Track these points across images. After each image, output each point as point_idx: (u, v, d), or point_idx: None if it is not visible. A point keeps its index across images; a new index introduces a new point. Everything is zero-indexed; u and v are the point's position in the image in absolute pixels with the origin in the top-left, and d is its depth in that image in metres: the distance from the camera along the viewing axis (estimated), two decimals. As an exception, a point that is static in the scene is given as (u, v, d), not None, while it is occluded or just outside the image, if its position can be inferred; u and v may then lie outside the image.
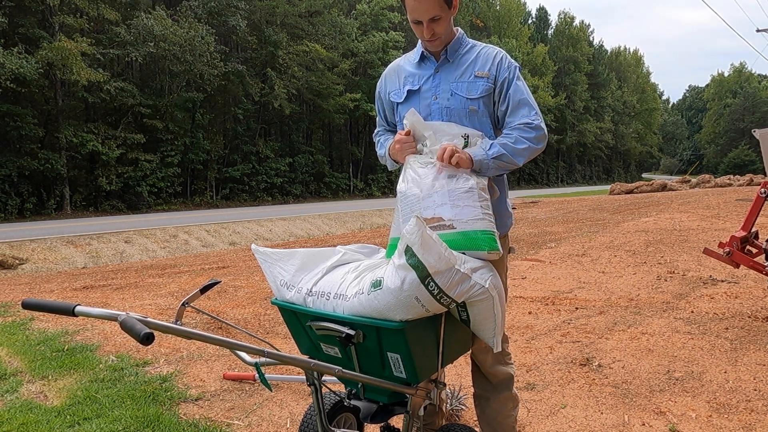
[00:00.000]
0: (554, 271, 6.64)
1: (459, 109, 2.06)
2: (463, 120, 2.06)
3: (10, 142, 22.49)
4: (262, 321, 4.94)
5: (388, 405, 1.94)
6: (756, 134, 4.64)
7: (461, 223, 1.82)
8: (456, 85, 2.08)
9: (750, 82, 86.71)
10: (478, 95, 2.05)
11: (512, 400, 2.28)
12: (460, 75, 2.08)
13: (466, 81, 2.07)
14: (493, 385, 2.24)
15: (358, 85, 37.87)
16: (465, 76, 2.08)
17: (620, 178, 68.00)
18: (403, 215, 1.92)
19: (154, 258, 12.34)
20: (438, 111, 2.09)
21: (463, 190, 1.85)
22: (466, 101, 2.05)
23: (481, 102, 2.06)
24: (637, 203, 16.95)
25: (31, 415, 3.04)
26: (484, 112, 2.07)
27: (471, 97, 2.05)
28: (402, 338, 1.69)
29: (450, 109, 2.07)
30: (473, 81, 2.06)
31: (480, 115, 2.06)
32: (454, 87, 2.08)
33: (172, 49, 25.38)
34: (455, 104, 2.06)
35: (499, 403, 2.24)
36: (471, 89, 2.05)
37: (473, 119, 2.06)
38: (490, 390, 2.26)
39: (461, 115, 2.06)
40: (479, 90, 2.05)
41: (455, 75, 2.09)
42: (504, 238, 2.19)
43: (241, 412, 3.08)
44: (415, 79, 2.15)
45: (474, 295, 1.76)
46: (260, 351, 1.55)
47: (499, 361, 2.23)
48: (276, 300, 1.95)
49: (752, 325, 4.21)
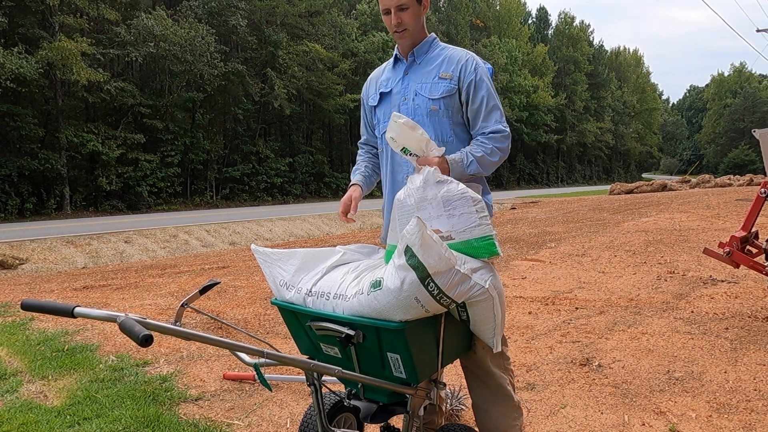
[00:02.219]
0: (554, 271, 6.64)
1: (422, 109, 2.13)
2: (424, 119, 2.11)
3: (10, 142, 22.48)
4: (263, 321, 4.94)
5: (388, 405, 1.94)
6: (756, 134, 4.64)
7: (459, 233, 1.81)
8: (420, 85, 2.14)
9: (750, 82, 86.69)
10: (439, 95, 2.10)
11: (514, 409, 2.13)
12: (426, 76, 2.14)
13: (429, 82, 2.13)
14: (491, 390, 2.11)
15: (358, 85, 37.81)
16: (430, 77, 2.14)
17: (620, 178, 67.97)
18: (400, 225, 1.89)
19: (154, 258, 12.34)
20: (406, 111, 2.14)
21: (456, 196, 1.82)
22: (428, 101, 2.11)
23: (442, 102, 2.10)
24: (637, 203, 16.95)
25: (31, 415, 3.04)
26: (445, 112, 2.11)
27: (432, 97, 2.11)
28: (402, 338, 1.69)
29: (415, 109, 2.14)
30: (436, 82, 2.12)
31: (440, 115, 2.11)
32: (418, 87, 2.14)
33: (172, 49, 25.37)
34: (419, 104, 2.13)
35: (499, 414, 2.10)
36: (433, 89, 2.11)
37: (433, 119, 2.11)
38: (488, 400, 2.12)
39: (423, 115, 2.12)
40: (440, 90, 2.10)
41: (421, 76, 2.15)
42: None
43: (241, 412, 3.08)
44: (388, 82, 2.24)
45: (474, 296, 1.76)
46: (259, 352, 1.55)
47: (498, 365, 2.11)
48: (276, 300, 1.95)
49: (752, 325, 4.21)
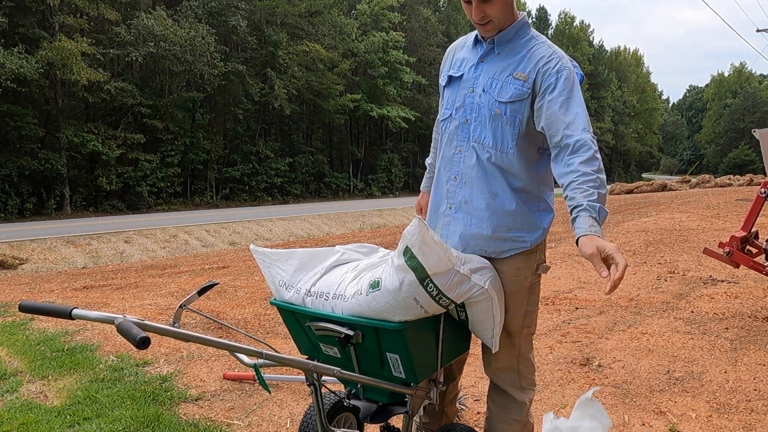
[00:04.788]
0: (554, 271, 6.64)
1: (485, 109, 1.83)
2: (485, 121, 1.83)
3: (10, 142, 22.49)
4: (262, 321, 4.93)
5: (388, 405, 1.94)
6: (756, 134, 4.64)
7: None
8: (491, 81, 1.82)
9: (750, 82, 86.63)
10: (508, 99, 1.79)
11: (521, 424, 2.05)
12: (501, 71, 1.82)
13: (501, 79, 1.81)
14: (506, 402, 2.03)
15: (358, 85, 37.88)
16: (504, 73, 1.82)
17: (620, 178, 67.91)
18: None
19: (154, 258, 12.33)
20: (470, 106, 1.87)
21: None
22: (494, 102, 1.81)
23: (509, 108, 1.79)
24: (637, 203, 16.94)
25: (31, 415, 3.04)
26: (510, 119, 1.80)
27: (500, 99, 1.80)
28: (401, 338, 1.68)
29: (479, 107, 1.85)
30: (509, 81, 1.80)
31: (504, 122, 1.80)
32: (488, 83, 1.83)
33: (172, 49, 25.37)
34: (483, 102, 1.83)
35: (504, 424, 2.04)
36: (503, 90, 1.80)
37: (495, 123, 1.81)
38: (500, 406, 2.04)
39: (485, 116, 1.83)
40: (510, 93, 1.79)
41: (497, 69, 1.83)
42: (529, 254, 1.92)
43: (241, 412, 3.08)
44: (462, 64, 1.93)
45: (473, 296, 1.75)
46: (258, 353, 1.55)
47: (513, 384, 2.01)
48: (275, 300, 1.95)
49: (752, 325, 4.21)
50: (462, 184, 1.90)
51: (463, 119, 1.89)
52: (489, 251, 1.89)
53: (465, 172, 1.89)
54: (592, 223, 1.57)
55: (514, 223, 1.86)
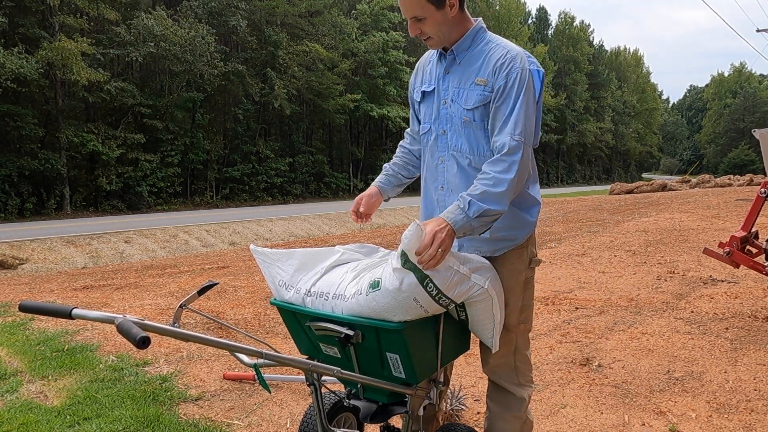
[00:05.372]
0: (554, 271, 6.64)
1: (457, 118, 1.89)
2: (459, 129, 1.89)
3: (10, 142, 22.49)
4: (262, 321, 4.94)
5: (388, 405, 1.94)
6: (756, 134, 4.65)
7: None
8: (458, 90, 1.88)
9: (750, 82, 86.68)
10: (473, 105, 1.83)
11: (521, 422, 2.06)
12: (465, 79, 1.87)
13: (466, 88, 1.86)
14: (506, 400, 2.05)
15: (358, 85, 37.86)
16: (468, 81, 1.86)
17: (620, 178, 67.98)
18: None
19: (154, 258, 12.34)
20: (445, 117, 1.92)
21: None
22: (462, 111, 1.86)
23: (476, 113, 1.84)
24: (637, 203, 16.95)
25: (31, 415, 3.04)
26: (479, 124, 1.85)
27: (467, 107, 1.85)
28: (401, 338, 1.68)
29: (451, 117, 1.90)
30: (472, 88, 1.84)
31: (475, 128, 1.86)
32: (455, 93, 1.88)
33: (172, 49, 25.38)
34: (454, 112, 1.89)
35: (504, 422, 2.06)
36: (468, 98, 1.85)
37: (468, 130, 1.87)
38: (499, 413, 2.06)
39: (457, 125, 1.89)
40: (474, 100, 1.83)
41: (461, 78, 1.88)
42: (522, 249, 1.97)
43: (241, 412, 3.08)
44: (432, 78, 1.98)
45: (473, 296, 1.75)
46: (258, 352, 1.55)
47: (511, 380, 2.04)
48: (275, 300, 1.95)
49: (752, 325, 4.21)
50: (449, 192, 1.96)
51: (440, 130, 1.95)
52: (483, 251, 1.93)
53: (449, 180, 1.96)
54: (453, 210, 1.70)
55: (505, 223, 1.90)
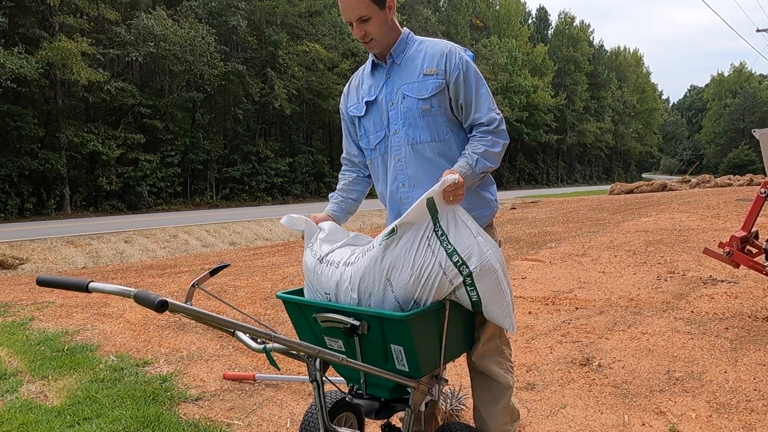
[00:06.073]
0: (554, 271, 6.64)
1: (413, 111, 2.00)
2: (417, 121, 2.00)
3: (10, 142, 22.48)
4: (263, 321, 4.94)
5: (390, 401, 1.95)
6: (756, 134, 4.64)
7: None
8: (407, 86, 2.01)
9: (750, 82, 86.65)
10: (429, 94, 1.98)
11: (509, 412, 2.12)
12: (410, 76, 2.01)
13: (416, 81, 1.99)
14: (490, 391, 2.11)
15: (358, 85, 37.84)
16: (414, 75, 2.00)
17: (620, 178, 67.93)
18: None
19: (154, 258, 12.34)
20: (396, 117, 2.03)
21: None
22: (418, 102, 1.98)
23: (434, 100, 1.98)
24: (637, 203, 16.95)
25: (31, 415, 3.04)
26: (439, 110, 1.99)
27: (422, 97, 1.98)
28: (405, 329, 1.70)
29: (405, 112, 2.01)
30: (422, 80, 1.98)
31: (434, 114, 1.99)
32: (405, 89, 2.01)
33: (172, 49, 25.36)
34: (409, 106, 2.00)
35: (493, 416, 2.10)
36: (421, 89, 1.98)
37: (428, 119, 1.99)
38: (486, 401, 2.12)
39: (416, 117, 2.00)
40: (429, 88, 1.98)
41: (407, 75, 2.02)
42: (490, 228, 2.12)
43: (241, 412, 3.08)
44: (371, 90, 2.09)
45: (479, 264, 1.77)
46: (267, 335, 1.58)
47: (499, 365, 2.10)
48: (281, 294, 1.99)
49: (752, 325, 4.21)
50: (412, 187, 2.04)
51: (392, 131, 2.05)
52: None
53: (411, 175, 2.04)
54: (462, 165, 1.89)
55: (471, 204, 1.97)
